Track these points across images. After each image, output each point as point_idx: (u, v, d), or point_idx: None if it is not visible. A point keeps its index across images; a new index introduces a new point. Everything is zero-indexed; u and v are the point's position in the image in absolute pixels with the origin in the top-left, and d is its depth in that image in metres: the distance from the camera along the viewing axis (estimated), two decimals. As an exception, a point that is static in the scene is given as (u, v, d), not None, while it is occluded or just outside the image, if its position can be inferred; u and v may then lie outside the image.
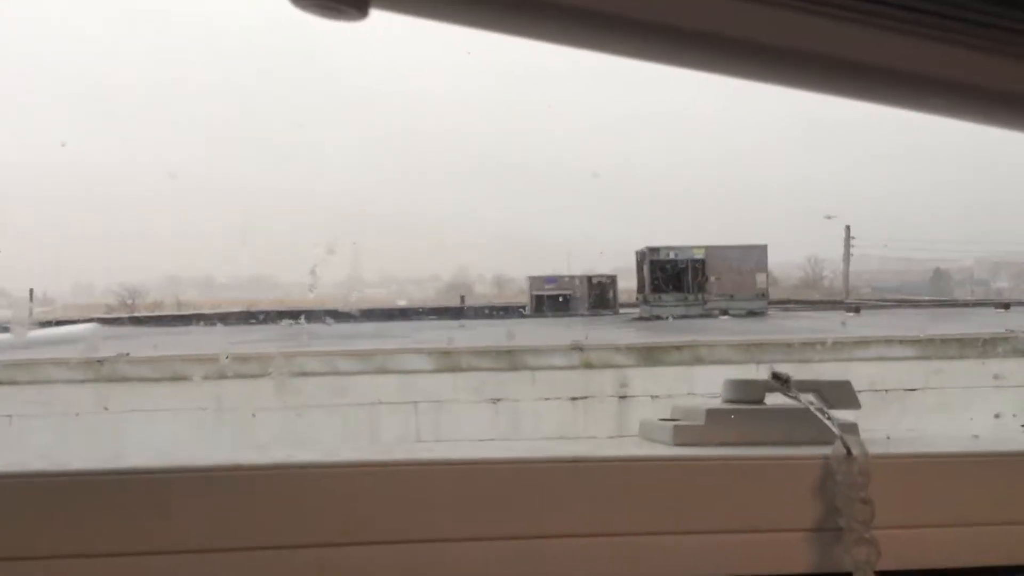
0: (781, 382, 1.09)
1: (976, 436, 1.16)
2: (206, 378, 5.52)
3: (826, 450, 1.00)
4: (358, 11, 0.57)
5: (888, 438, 1.11)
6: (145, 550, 0.90)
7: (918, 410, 6.45)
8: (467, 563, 0.94)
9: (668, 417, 1.13)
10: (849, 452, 0.99)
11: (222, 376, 5.47)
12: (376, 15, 0.60)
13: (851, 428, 1.05)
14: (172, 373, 5.67)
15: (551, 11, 0.61)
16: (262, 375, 5.48)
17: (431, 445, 0.99)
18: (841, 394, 1.11)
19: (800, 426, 1.06)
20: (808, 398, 1.08)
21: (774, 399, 1.12)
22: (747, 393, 1.11)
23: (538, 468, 0.97)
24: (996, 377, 6.55)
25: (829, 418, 1.04)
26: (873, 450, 1.00)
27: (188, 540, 0.91)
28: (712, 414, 1.07)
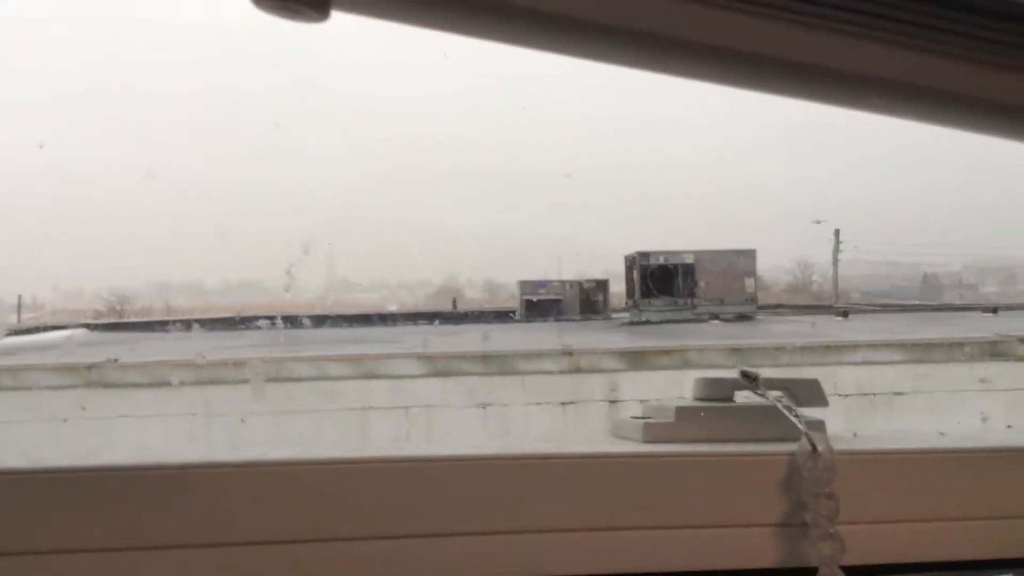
0: (750, 380, 1.11)
1: (943, 433, 1.17)
2: (195, 383, 5.51)
3: (793, 447, 1.02)
4: (318, 13, 0.58)
5: (855, 435, 1.13)
6: (119, 547, 0.91)
7: (905, 413, 6.49)
8: (438, 559, 0.95)
9: (640, 415, 1.14)
10: (815, 448, 1.00)
11: (211, 381, 5.46)
12: (349, 20, 0.61)
13: (818, 425, 1.06)
14: (161, 378, 5.65)
15: (525, 16, 0.61)
16: (251, 380, 5.47)
17: (406, 444, 1.00)
18: (809, 392, 1.12)
19: (768, 423, 1.07)
20: (776, 395, 1.10)
21: (744, 397, 1.14)
22: (717, 391, 1.13)
23: (509, 464, 0.98)
24: (983, 381, 6.59)
25: (796, 415, 1.06)
26: (839, 447, 1.02)
27: (163, 537, 0.92)
28: (682, 412, 1.09)
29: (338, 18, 0.60)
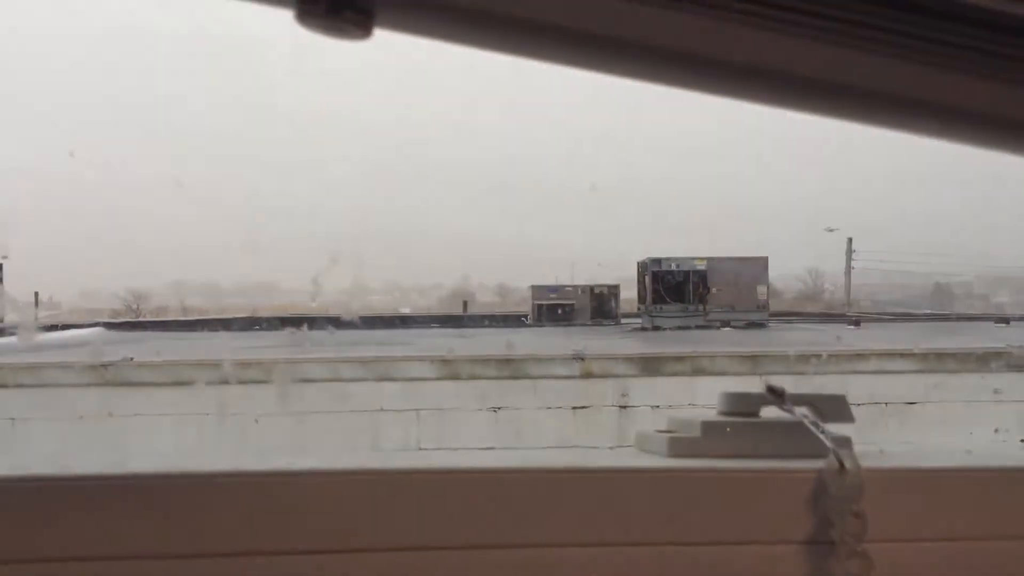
0: (776, 395, 1.11)
1: (969, 451, 1.17)
2: (210, 383, 5.53)
3: (820, 463, 1.02)
4: (362, 31, 0.58)
5: (881, 452, 1.13)
6: (146, 554, 0.90)
7: (918, 423, 6.46)
8: (462, 571, 0.95)
9: (664, 429, 1.14)
10: (842, 466, 1.00)
11: (226, 381, 5.49)
12: (380, 34, 0.62)
13: (845, 442, 1.06)
14: (176, 378, 5.68)
15: (554, 33, 0.62)
16: (266, 381, 5.50)
17: (428, 453, 1.01)
18: (835, 408, 1.12)
19: (794, 439, 1.07)
20: (802, 411, 1.10)
21: (769, 412, 1.14)
22: (743, 406, 1.12)
23: (533, 477, 0.98)
24: (996, 392, 6.55)
25: (823, 432, 1.05)
26: (866, 464, 1.01)
27: (189, 545, 0.91)
28: (707, 426, 1.09)
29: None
